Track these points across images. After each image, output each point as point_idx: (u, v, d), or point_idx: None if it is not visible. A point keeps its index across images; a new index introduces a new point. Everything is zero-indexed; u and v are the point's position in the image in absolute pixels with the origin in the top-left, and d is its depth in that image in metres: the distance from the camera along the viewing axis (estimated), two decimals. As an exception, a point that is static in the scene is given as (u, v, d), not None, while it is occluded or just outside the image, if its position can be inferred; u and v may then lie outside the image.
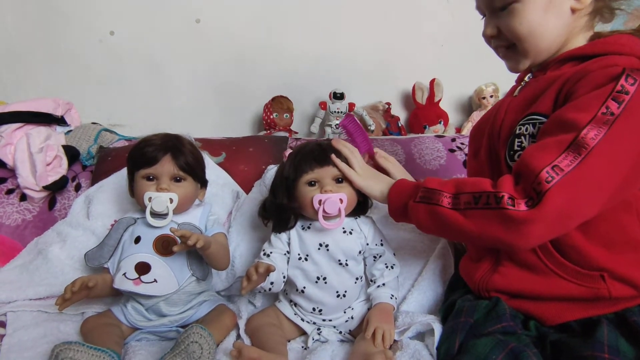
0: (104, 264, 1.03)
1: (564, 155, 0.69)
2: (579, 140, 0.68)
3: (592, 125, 0.69)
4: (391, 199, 0.91)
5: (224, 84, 1.89)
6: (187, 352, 0.80)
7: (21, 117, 1.53)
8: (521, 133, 0.81)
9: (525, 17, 0.80)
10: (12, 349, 0.89)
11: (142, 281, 0.97)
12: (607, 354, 0.69)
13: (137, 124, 1.84)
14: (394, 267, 1.01)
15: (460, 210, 0.76)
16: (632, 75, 0.70)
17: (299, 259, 0.98)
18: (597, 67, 0.75)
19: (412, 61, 1.93)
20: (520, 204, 0.69)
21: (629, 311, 0.75)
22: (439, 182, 0.82)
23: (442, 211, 0.78)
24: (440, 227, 0.81)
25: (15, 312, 1.00)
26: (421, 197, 0.82)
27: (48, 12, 1.78)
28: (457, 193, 0.78)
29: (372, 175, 0.97)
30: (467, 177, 0.81)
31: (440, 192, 0.80)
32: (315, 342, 0.98)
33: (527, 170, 0.71)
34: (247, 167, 1.44)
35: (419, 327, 0.91)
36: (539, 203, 0.68)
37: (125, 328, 0.99)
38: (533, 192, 0.69)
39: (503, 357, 0.73)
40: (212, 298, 1.06)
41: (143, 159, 1.01)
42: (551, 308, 0.79)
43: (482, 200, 0.73)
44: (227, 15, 1.83)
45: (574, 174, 0.68)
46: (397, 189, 0.91)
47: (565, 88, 0.77)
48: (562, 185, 0.67)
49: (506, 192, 0.71)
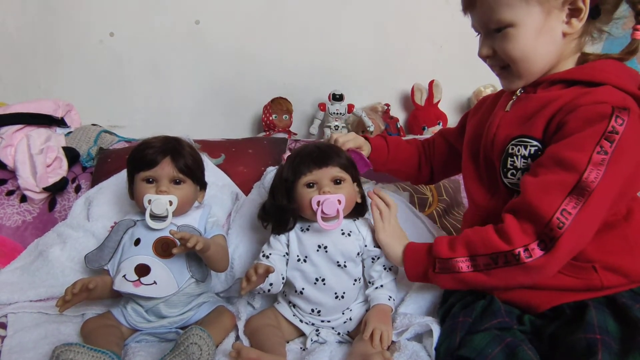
0: (104, 265, 1.03)
1: (568, 199, 0.75)
2: (582, 183, 0.75)
3: (591, 167, 0.75)
4: (408, 266, 0.93)
5: (223, 85, 1.89)
6: (187, 354, 0.81)
7: (21, 119, 1.53)
8: (513, 153, 0.86)
9: (518, 42, 0.82)
10: (13, 350, 0.90)
11: (142, 283, 0.98)
12: (598, 334, 0.74)
13: (137, 125, 1.84)
14: (392, 269, 1.02)
15: (481, 271, 0.82)
16: (620, 116, 0.76)
17: (297, 261, 0.99)
18: (587, 102, 0.78)
19: (411, 62, 1.93)
20: (534, 249, 0.76)
21: (619, 295, 0.81)
22: (448, 246, 0.86)
23: (464, 276, 0.83)
24: (465, 287, 0.86)
25: (15, 314, 1.01)
26: (440, 268, 0.86)
27: (48, 14, 1.78)
28: (473, 255, 0.82)
29: (396, 235, 0.98)
30: (470, 233, 0.85)
31: (455, 260, 0.84)
32: (313, 343, 0.98)
33: (538, 216, 0.76)
34: (246, 169, 1.45)
35: (417, 328, 0.92)
36: (554, 248, 0.75)
37: (125, 329, 0.99)
38: (546, 237, 0.75)
39: (499, 351, 0.77)
40: (211, 299, 1.07)
41: (143, 161, 1.02)
42: (545, 295, 0.84)
43: (501, 260, 0.79)
44: (227, 17, 1.83)
45: (581, 216, 0.74)
46: (411, 256, 0.93)
47: (557, 118, 0.81)
48: (573, 229, 0.74)
49: (520, 247, 0.76)
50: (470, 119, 1.06)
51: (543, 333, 0.82)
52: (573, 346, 0.75)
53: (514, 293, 0.86)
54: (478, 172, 0.96)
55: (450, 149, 1.15)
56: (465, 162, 1.00)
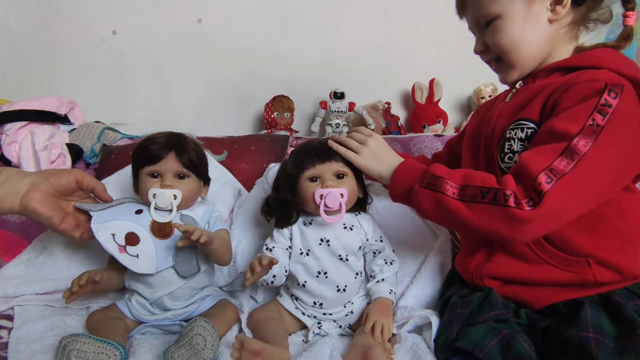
0: (92, 211, 1.00)
1: (559, 160, 0.74)
2: (571, 147, 0.74)
3: (582, 135, 0.75)
4: (396, 180, 0.92)
5: (225, 83, 1.91)
6: (191, 344, 0.82)
7: (25, 116, 1.55)
8: (510, 137, 0.86)
9: (506, 32, 0.86)
10: (20, 341, 0.91)
11: (127, 251, 0.98)
12: (592, 333, 0.74)
13: (140, 123, 1.86)
14: (393, 263, 1.03)
15: (465, 202, 0.79)
16: (613, 90, 0.76)
17: (300, 254, 1.00)
18: (582, 80, 0.80)
19: (412, 61, 1.94)
20: (522, 203, 0.74)
21: (613, 293, 0.81)
22: (446, 171, 0.85)
23: (446, 200, 0.81)
24: (441, 215, 0.84)
25: (22, 306, 1.02)
26: (427, 183, 0.84)
27: (51, 12, 1.80)
28: (464, 185, 0.81)
29: (373, 156, 0.97)
30: (474, 171, 0.84)
31: (446, 180, 0.82)
32: (315, 335, 1.00)
33: (526, 173, 0.75)
34: (248, 165, 1.46)
35: (417, 321, 0.93)
36: (540, 203, 0.72)
37: (130, 322, 1.01)
38: (533, 192, 0.73)
39: (496, 343, 0.77)
40: (214, 293, 1.08)
41: (147, 156, 1.03)
42: (540, 292, 0.84)
43: (490, 195, 0.77)
44: (229, 15, 1.84)
45: (570, 176, 0.73)
46: (403, 170, 0.92)
47: (553, 97, 0.82)
48: (560, 186, 0.73)
49: (513, 191, 0.75)
50: (470, 121, 1.07)
51: (538, 327, 0.82)
52: (566, 343, 0.75)
53: (509, 289, 0.87)
54: (477, 167, 0.96)
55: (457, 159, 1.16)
56: (465, 160, 1.01)
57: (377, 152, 0.98)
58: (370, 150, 0.98)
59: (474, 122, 1.03)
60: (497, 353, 0.76)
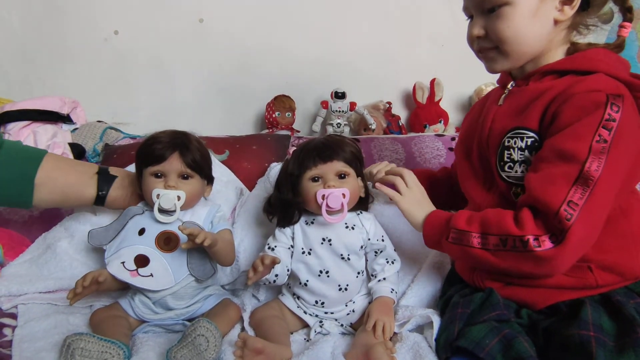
0: (104, 245, 1.05)
1: (574, 189, 0.75)
2: (585, 173, 0.75)
3: (593, 156, 0.75)
4: (426, 232, 0.94)
5: (227, 83, 1.91)
6: (194, 345, 0.82)
7: (28, 115, 1.56)
8: (510, 146, 0.86)
9: (512, 21, 0.84)
10: (24, 339, 0.91)
11: (139, 274, 0.99)
12: (592, 331, 0.74)
13: (142, 122, 1.86)
14: (394, 262, 1.04)
15: (490, 251, 0.81)
16: (615, 103, 0.77)
17: (302, 253, 1.01)
18: (582, 90, 0.79)
19: (413, 61, 1.95)
20: (545, 241, 0.75)
21: (614, 292, 0.81)
22: (466, 219, 0.86)
23: (473, 252, 0.83)
24: (473, 263, 0.89)
25: (25, 305, 1.03)
26: (453, 238, 0.87)
27: (53, 12, 1.80)
28: (485, 233, 0.82)
29: (415, 201, 0.98)
30: (490, 213, 0.85)
31: (469, 233, 0.84)
32: (317, 334, 1.00)
33: (545, 208, 0.76)
34: (250, 165, 1.46)
35: (419, 320, 0.94)
36: (564, 240, 0.74)
37: (133, 321, 1.01)
38: (556, 229, 0.75)
39: (497, 342, 0.77)
40: (217, 292, 1.08)
41: (151, 156, 1.03)
42: (541, 293, 0.84)
43: (509, 243, 0.79)
44: (230, 15, 1.85)
45: (588, 206, 0.74)
46: (431, 223, 0.93)
47: (552, 107, 0.82)
48: (581, 219, 0.74)
49: (530, 235, 0.76)
50: (463, 123, 1.08)
51: (539, 327, 0.82)
52: (567, 342, 0.76)
53: (510, 291, 0.87)
54: (472, 169, 0.97)
55: None
56: (460, 162, 1.02)
57: (419, 200, 0.99)
58: (413, 195, 0.99)
59: (466, 124, 1.04)
60: (497, 352, 0.77)
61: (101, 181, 1.11)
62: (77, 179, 1.09)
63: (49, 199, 1.06)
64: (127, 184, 1.13)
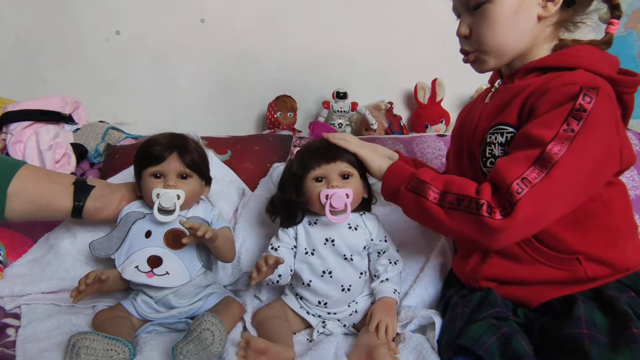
0: (111, 254, 1.05)
1: (531, 169, 0.76)
2: (545, 154, 0.75)
3: (556, 141, 0.76)
4: (386, 179, 0.96)
5: (229, 83, 1.91)
6: (200, 339, 0.82)
7: (30, 116, 1.56)
8: (491, 141, 0.87)
9: (495, 18, 0.85)
10: (28, 339, 0.91)
11: (155, 274, 1.00)
12: (585, 329, 0.75)
13: (143, 122, 1.87)
14: (397, 263, 1.04)
15: (443, 208, 0.82)
16: (588, 94, 0.77)
17: (305, 253, 1.01)
18: (558, 84, 0.80)
19: (414, 61, 1.95)
20: (496, 212, 0.76)
21: (606, 286, 0.82)
22: (432, 176, 0.87)
23: (427, 204, 0.84)
24: (422, 218, 0.88)
25: (29, 305, 1.03)
26: (412, 186, 0.87)
27: (55, 12, 1.80)
28: (444, 191, 0.83)
29: (371, 149, 1.02)
30: (456, 177, 0.86)
31: (429, 186, 0.85)
32: (320, 334, 1.00)
33: (500, 181, 0.77)
34: (252, 165, 1.47)
35: (421, 320, 0.94)
36: (512, 213, 0.74)
37: (136, 320, 1.01)
38: (506, 202, 0.75)
39: (495, 340, 0.78)
40: (219, 290, 1.09)
41: (150, 157, 1.04)
42: (534, 291, 0.85)
43: (464, 203, 0.80)
44: (232, 15, 1.85)
45: (541, 185, 0.75)
46: (393, 171, 0.95)
47: (529, 102, 0.83)
48: (530, 196, 0.74)
49: (486, 201, 0.77)
50: (455, 122, 1.09)
51: (535, 326, 0.83)
52: (561, 340, 0.76)
53: (505, 290, 0.88)
54: (461, 166, 0.98)
55: None
56: (451, 159, 1.03)
57: (376, 149, 1.03)
58: (369, 145, 1.02)
59: (457, 123, 1.05)
60: (495, 350, 0.77)
61: (77, 191, 1.07)
62: (50, 189, 1.05)
63: (22, 209, 1.02)
64: (106, 193, 1.10)
